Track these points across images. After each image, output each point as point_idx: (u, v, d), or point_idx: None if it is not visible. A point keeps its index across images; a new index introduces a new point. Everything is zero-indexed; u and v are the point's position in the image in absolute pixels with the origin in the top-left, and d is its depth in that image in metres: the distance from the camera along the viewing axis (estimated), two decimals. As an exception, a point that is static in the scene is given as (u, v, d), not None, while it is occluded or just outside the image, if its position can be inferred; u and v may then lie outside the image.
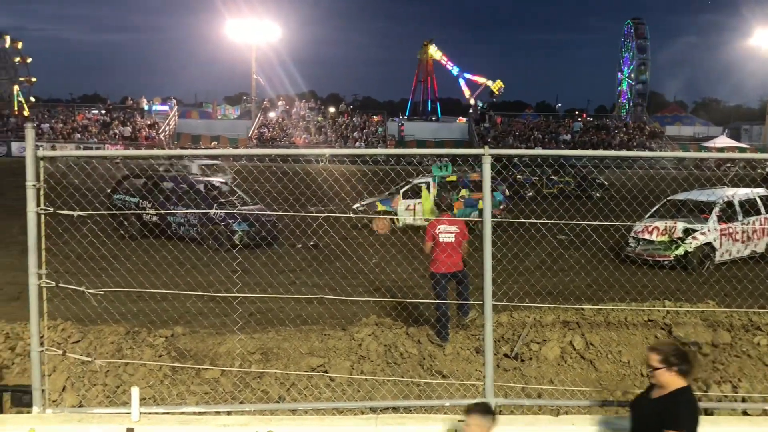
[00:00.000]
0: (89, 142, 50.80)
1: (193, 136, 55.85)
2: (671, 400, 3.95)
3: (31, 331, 4.94)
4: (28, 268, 4.82)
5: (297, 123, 58.15)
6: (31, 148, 4.65)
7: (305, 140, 54.39)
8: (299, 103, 63.03)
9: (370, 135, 56.45)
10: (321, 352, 7.46)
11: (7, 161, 42.29)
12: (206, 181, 17.93)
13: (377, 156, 22.92)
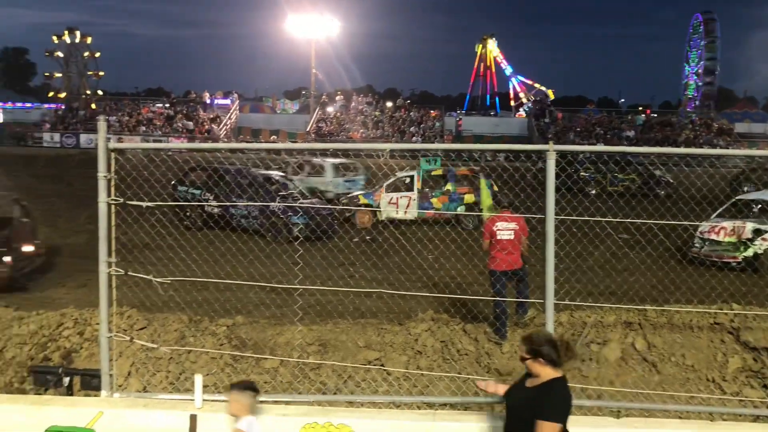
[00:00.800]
0: (154, 134, 52.21)
1: (253, 130, 56.78)
2: (543, 390, 3.98)
3: (101, 318, 5.12)
4: (99, 256, 4.98)
5: (354, 117, 58.48)
6: (103, 140, 4.80)
7: (362, 135, 54.64)
8: (357, 98, 63.35)
9: (427, 130, 56.31)
10: (378, 346, 7.49)
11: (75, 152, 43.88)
12: (267, 174, 18.21)
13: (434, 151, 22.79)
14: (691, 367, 6.85)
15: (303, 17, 58.04)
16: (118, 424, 4.81)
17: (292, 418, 4.67)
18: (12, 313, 8.38)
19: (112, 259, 4.98)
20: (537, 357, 4.00)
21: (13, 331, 7.84)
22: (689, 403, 5.89)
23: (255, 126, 58.10)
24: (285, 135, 54.54)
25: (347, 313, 8.39)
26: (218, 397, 5.16)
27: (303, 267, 7.95)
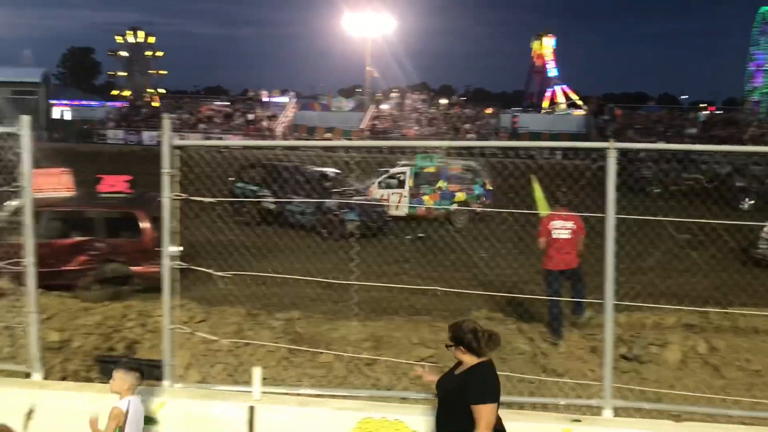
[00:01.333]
0: (213, 132, 53.31)
1: (309, 128, 57.38)
2: (466, 376, 4.12)
3: (164, 310, 5.26)
4: (163, 250, 5.12)
5: (409, 115, 58.49)
6: (167, 137, 4.94)
7: (416, 132, 54.61)
8: (411, 95, 63.33)
9: (482, 127, 55.89)
10: (431, 344, 7.49)
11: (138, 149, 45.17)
12: (321, 171, 18.38)
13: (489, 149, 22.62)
14: (757, 372, 6.63)
15: (359, 15, 58.37)
16: (180, 414, 4.94)
17: (348, 412, 4.72)
18: (79, 303, 8.70)
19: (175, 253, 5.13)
20: (459, 345, 4.14)
21: (79, 322, 8.14)
22: (754, 409, 5.70)
23: (310, 124, 58.67)
24: (340, 132, 54.93)
25: (401, 310, 8.42)
26: (275, 389, 5.26)
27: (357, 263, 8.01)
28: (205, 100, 66.10)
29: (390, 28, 60.63)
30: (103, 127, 58.35)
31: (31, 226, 5.18)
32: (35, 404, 5.20)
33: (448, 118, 57.93)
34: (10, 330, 7.32)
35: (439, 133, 54.02)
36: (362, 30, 58.97)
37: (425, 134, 53.90)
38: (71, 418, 5.08)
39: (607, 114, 57.60)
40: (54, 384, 5.66)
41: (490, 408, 3.99)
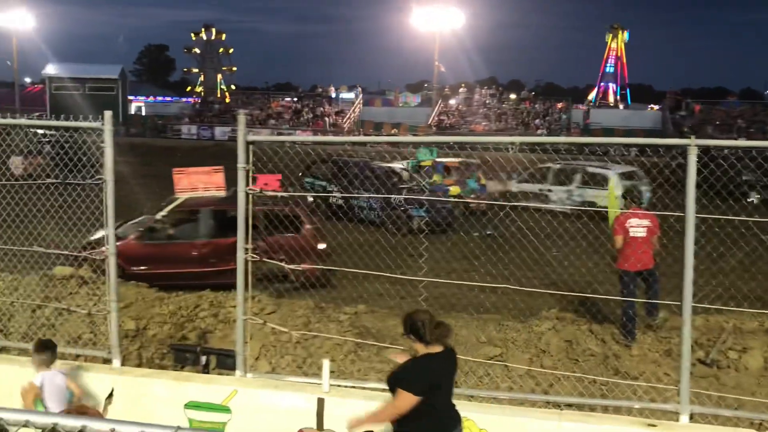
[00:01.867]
0: (282, 128, 54.20)
1: (375, 124, 57.61)
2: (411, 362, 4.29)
3: (238, 301, 5.38)
4: (237, 242, 5.23)
5: (477, 110, 57.96)
6: (242, 133, 5.04)
7: (484, 127, 54.07)
8: (480, 90, 62.73)
9: (552, 122, 54.87)
10: (499, 342, 7.41)
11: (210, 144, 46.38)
12: (388, 167, 18.44)
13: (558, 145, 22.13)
14: None
15: (427, 10, 58.14)
16: (251, 403, 5.05)
17: (416, 408, 4.70)
18: (154, 293, 8.99)
19: (248, 246, 5.23)
20: (409, 334, 4.28)
21: (155, 311, 8.42)
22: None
23: (377, 119, 58.88)
24: (406, 128, 54.91)
25: (466, 308, 8.35)
26: (344, 382, 5.30)
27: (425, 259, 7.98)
28: (275, 96, 67.21)
29: (459, 22, 60.10)
30: (177, 122, 60.15)
31: (113, 217, 5.37)
32: (115, 388, 5.41)
33: (518, 113, 57.11)
34: (92, 317, 7.65)
35: (508, 128, 53.33)
36: (431, 24, 58.69)
37: (493, 130, 53.30)
38: (148, 402, 5.26)
39: (684, 109, 55.53)
40: (132, 370, 5.87)
41: (406, 397, 4.07)
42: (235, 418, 5.04)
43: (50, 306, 7.84)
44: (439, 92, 61.00)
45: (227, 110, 61.43)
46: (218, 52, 65.80)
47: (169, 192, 14.69)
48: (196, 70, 66.30)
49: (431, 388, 4.17)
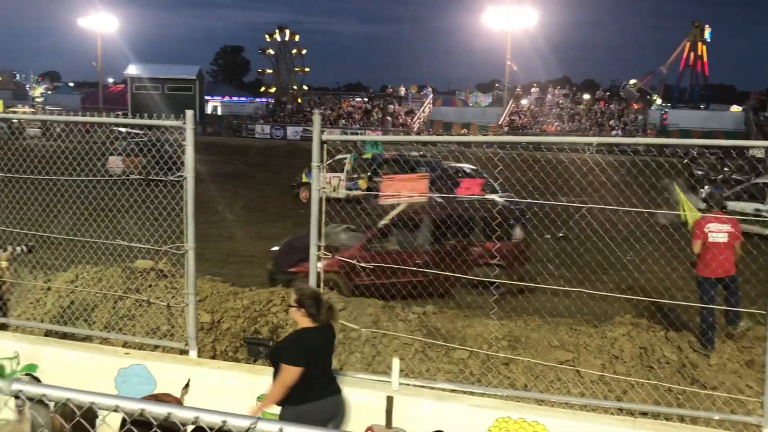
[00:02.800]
0: (352, 128, 54.72)
1: (445, 123, 57.45)
2: (291, 335, 4.61)
3: (309, 297, 5.45)
4: (310, 239, 5.32)
5: (549, 110, 56.99)
6: (317, 132, 5.12)
7: (557, 128, 53.12)
8: (552, 90, 61.64)
9: (628, 123, 53.38)
10: (570, 347, 7.27)
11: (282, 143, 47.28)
12: (457, 167, 18.33)
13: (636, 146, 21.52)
14: None
15: (500, 9, 57.56)
16: (322, 398, 5.11)
17: (486, 410, 4.69)
18: (229, 288, 9.23)
19: (321, 243, 5.31)
20: (300, 307, 4.54)
21: (228, 305, 8.64)
22: None
23: (447, 119, 58.72)
24: (476, 128, 54.53)
25: (537, 311, 8.23)
26: (413, 381, 5.31)
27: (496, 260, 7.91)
28: (346, 96, 67.87)
29: (532, 21, 59.25)
30: (251, 122, 61.59)
31: (192, 214, 5.54)
32: (191, 379, 5.58)
33: (592, 113, 55.82)
34: (169, 309, 7.92)
35: (582, 129, 52.21)
36: (503, 23, 58.10)
37: (566, 131, 52.28)
38: (223, 393, 5.41)
39: (770, 110, 53.06)
40: (208, 362, 6.04)
41: (289, 370, 4.33)
42: (306, 412, 5.11)
43: (131, 297, 8.17)
44: (511, 92, 60.26)
45: (299, 110, 62.47)
46: (291, 53, 66.90)
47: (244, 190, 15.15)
48: (270, 71, 67.61)
49: (309, 360, 4.42)
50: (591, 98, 59.82)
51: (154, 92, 61.65)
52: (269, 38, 66.40)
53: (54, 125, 26.36)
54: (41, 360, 6.05)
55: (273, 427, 1.63)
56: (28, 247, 6.69)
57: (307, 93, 69.17)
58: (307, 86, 71.42)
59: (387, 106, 59.78)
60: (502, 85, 63.41)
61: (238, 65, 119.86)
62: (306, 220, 5.78)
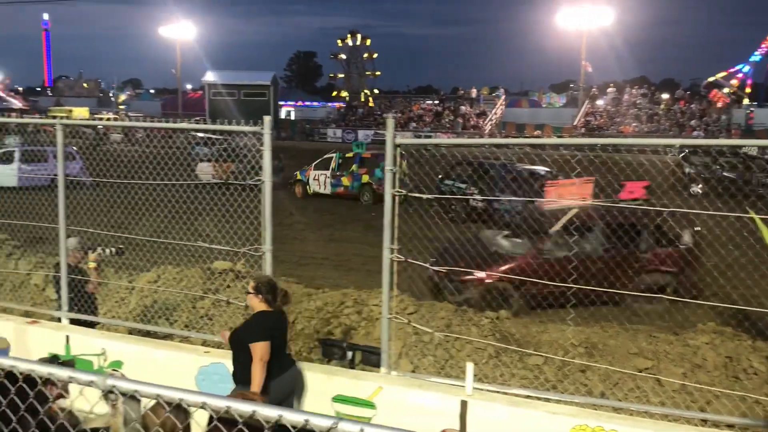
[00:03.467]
0: (423, 130, 54.72)
1: (518, 125, 56.70)
2: (251, 319, 5.01)
3: (383, 300, 5.50)
4: (383, 243, 5.35)
5: (626, 111, 55.41)
6: (391, 136, 5.14)
7: (635, 129, 51.58)
8: (630, 90, 59.90)
9: (710, 123, 51.31)
10: (650, 355, 7.05)
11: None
12: (531, 169, 18.06)
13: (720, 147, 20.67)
14: None
15: (575, 8, 56.40)
16: (395, 401, 5.14)
17: (562, 417, 4.60)
18: (302, 289, 9.39)
19: (395, 246, 5.33)
20: (258, 294, 4.97)
21: (303, 306, 8.79)
22: None
23: (519, 120, 57.94)
24: (550, 129, 53.58)
25: (614, 318, 8.01)
26: (487, 387, 5.26)
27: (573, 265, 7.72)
28: (417, 99, 67.94)
29: (608, 20, 57.76)
30: (323, 126, 62.47)
31: (270, 217, 5.67)
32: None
33: (671, 114, 53.93)
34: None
35: (661, 130, 50.52)
36: (578, 23, 56.87)
37: (645, 132, 50.68)
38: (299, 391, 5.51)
39: None
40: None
41: (262, 345, 4.76)
42: (380, 414, 5.15)
43: (210, 297, 8.42)
44: (586, 92, 58.91)
45: (370, 114, 62.93)
46: (363, 57, 67.55)
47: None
48: (341, 76, 68.47)
49: (272, 337, 4.86)
50: (670, 98, 57.81)
51: (230, 98, 63.42)
52: (341, 43, 67.23)
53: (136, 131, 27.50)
54: (126, 357, 6.31)
55: (354, 427, 1.65)
56: (117, 250, 6.99)
57: (377, 96, 69.59)
58: (378, 89, 71.89)
59: (458, 108, 59.46)
60: (576, 85, 62.09)
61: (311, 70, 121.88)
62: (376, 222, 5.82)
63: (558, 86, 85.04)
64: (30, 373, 2.11)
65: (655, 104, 56.43)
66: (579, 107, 57.31)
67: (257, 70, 68.89)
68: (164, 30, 70.94)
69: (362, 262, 13.77)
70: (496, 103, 60.88)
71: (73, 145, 8.51)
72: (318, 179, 23.93)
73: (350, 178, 23.23)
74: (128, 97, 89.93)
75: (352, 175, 23.20)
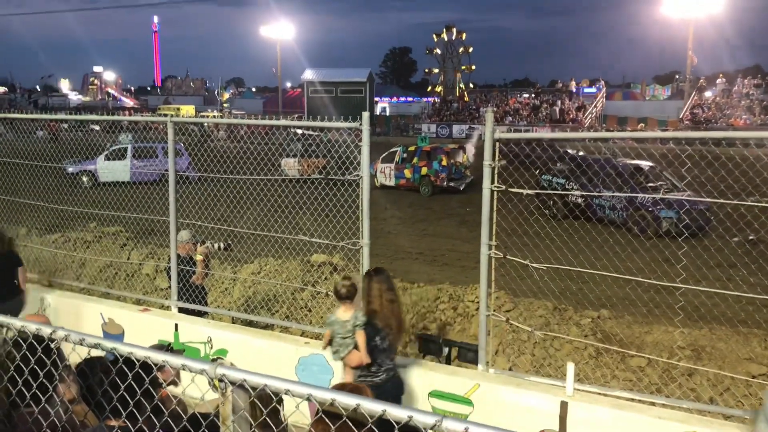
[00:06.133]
0: (519, 124, 53.77)
1: (619, 118, 54.75)
2: None
3: (480, 297, 5.44)
4: (481, 239, 5.29)
5: (737, 102, 52.36)
6: (490, 130, 5.07)
7: (746, 122, 48.67)
8: (741, 80, 56.54)
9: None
10: (764, 360, 6.67)
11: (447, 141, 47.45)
12: (634, 164, 17.40)
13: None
14: None
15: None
16: (493, 398, 5.08)
17: (669, 423, 4.39)
18: (398, 283, 9.45)
19: (492, 242, 5.26)
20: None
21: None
22: None
23: (621, 114, 55.95)
24: (654, 123, 51.41)
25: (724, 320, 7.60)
26: (588, 387, 5.12)
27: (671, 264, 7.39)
28: (513, 92, 66.84)
29: (717, 7, 54.66)
30: (417, 121, 62.55)
31: (368, 210, 5.72)
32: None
33: (787, 105, 50.54)
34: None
35: (776, 122, 47.45)
36: (684, 11, 54.13)
37: (758, 124, 47.70)
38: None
39: None
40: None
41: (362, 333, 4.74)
42: (476, 411, 5.10)
43: (309, 289, 8.61)
44: (693, 83, 56.07)
45: (464, 108, 62.45)
46: (458, 51, 67.01)
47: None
48: (436, 71, 68.24)
49: None
50: (787, 87, 54.20)
51: (327, 95, 64.61)
52: (436, 38, 66.96)
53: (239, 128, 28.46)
54: (230, 345, 6.55)
55: (459, 426, 1.64)
56: (226, 244, 7.25)
57: (473, 91, 68.96)
58: (473, 84, 71.21)
59: (556, 101, 58.05)
60: (682, 76, 59.25)
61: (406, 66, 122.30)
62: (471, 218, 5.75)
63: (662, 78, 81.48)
64: (146, 360, 2.22)
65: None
66: (685, 99, 54.66)
67: (353, 67, 69.78)
68: (265, 30, 73.10)
69: (456, 257, 13.71)
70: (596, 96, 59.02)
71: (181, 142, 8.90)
72: (384, 172, 24.96)
73: (411, 171, 24.31)
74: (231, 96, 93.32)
75: (414, 168, 24.27)
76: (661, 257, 10.83)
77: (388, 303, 4.79)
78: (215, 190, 7.74)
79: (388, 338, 4.79)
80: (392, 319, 4.82)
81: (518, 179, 6.60)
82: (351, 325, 4.82)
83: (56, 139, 11.11)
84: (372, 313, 4.80)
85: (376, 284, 4.82)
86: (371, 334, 4.74)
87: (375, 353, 4.74)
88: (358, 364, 4.76)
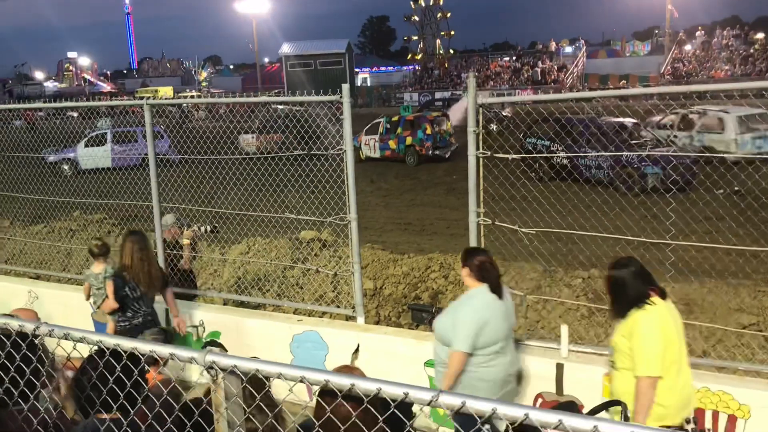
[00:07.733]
0: (501, 88, 53.57)
1: (601, 77, 54.65)
2: None
3: (471, 264, 5.40)
4: (468, 206, 5.25)
5: (717, 54, 52.37)
6: (473, 96, 5.00)
7: (727, 73, 48.74)
8: (720, 32, 56.49)
9: (811, 62, 47.92)
10: (754, 310, 6.73)
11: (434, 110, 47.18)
12: (618, 122, 17.37)
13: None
14: None
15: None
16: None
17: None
18: (388, 255, 9.43)
19: (480, 209, 5.22)
20: None
21: (389, 272, 8.83)
22: None
23: (602, 72, 55.83)
24: (635, 79, 51.36)
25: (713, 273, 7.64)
26: (582, 348, 5.13)
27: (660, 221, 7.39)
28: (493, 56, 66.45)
29: (694, -41, 54.41)
30: (399, 90, 62.16)
31: (353, 186, 5.66)
32: (360, 344, 5.77)
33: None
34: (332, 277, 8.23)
35: (758, 72, 47.54)
36: (661, -36, 53.89)
37: (739, 75, 47.78)
38: (391, 358, 5.55)
39: None
40: (375, 328, 6.20)
41: None
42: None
43: (299, 267, 8.57)
44: (673, 38, 55.95)
45: (446, 75, 62.07)
46: (437, 17, 66.37)
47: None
48: (415, 38, 67.62)
49: None
50: (766, 37, 54.17)
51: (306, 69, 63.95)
52: (414, 5, 66.25)
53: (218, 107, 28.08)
54: (223, 327, 6.52)
55: (455, 400, 1.61)
56: (212, 228, 7.26)
57: (453, 57, 68.48)
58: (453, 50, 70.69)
59: (536, 63, 57.80)
60: (661, 31, 59.10)
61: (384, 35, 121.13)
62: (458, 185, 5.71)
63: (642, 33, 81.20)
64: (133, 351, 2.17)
65: (750, 45, 53.03)
66: (665, 54, 54.60)
67: (332, 39, 69.04)
68: (240, 5, 72.02)
69: (445, 225, 13.70)
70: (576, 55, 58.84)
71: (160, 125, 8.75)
72: (369, 144, 24.81)
73: (396, 141, 24.10)
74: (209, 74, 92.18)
75: (398, 138, 24.08)
76: (650, 214, 10.85)
77: (138, 261, 5.45)
78: (198, 172, 7.63)
79: (139, 289, 5.49)
80: (141, 274, 5.48)
81: (503, 144, 6.57)
82: (102, 278, 5.98)
83: (34, 128, 10.90)
84: (123, 267, 5.50)
85: (129, 243, 5.51)
86: (120, 284, 5.46)
87: (127, 301, 5.48)
88: (111, 309, 5.50)
